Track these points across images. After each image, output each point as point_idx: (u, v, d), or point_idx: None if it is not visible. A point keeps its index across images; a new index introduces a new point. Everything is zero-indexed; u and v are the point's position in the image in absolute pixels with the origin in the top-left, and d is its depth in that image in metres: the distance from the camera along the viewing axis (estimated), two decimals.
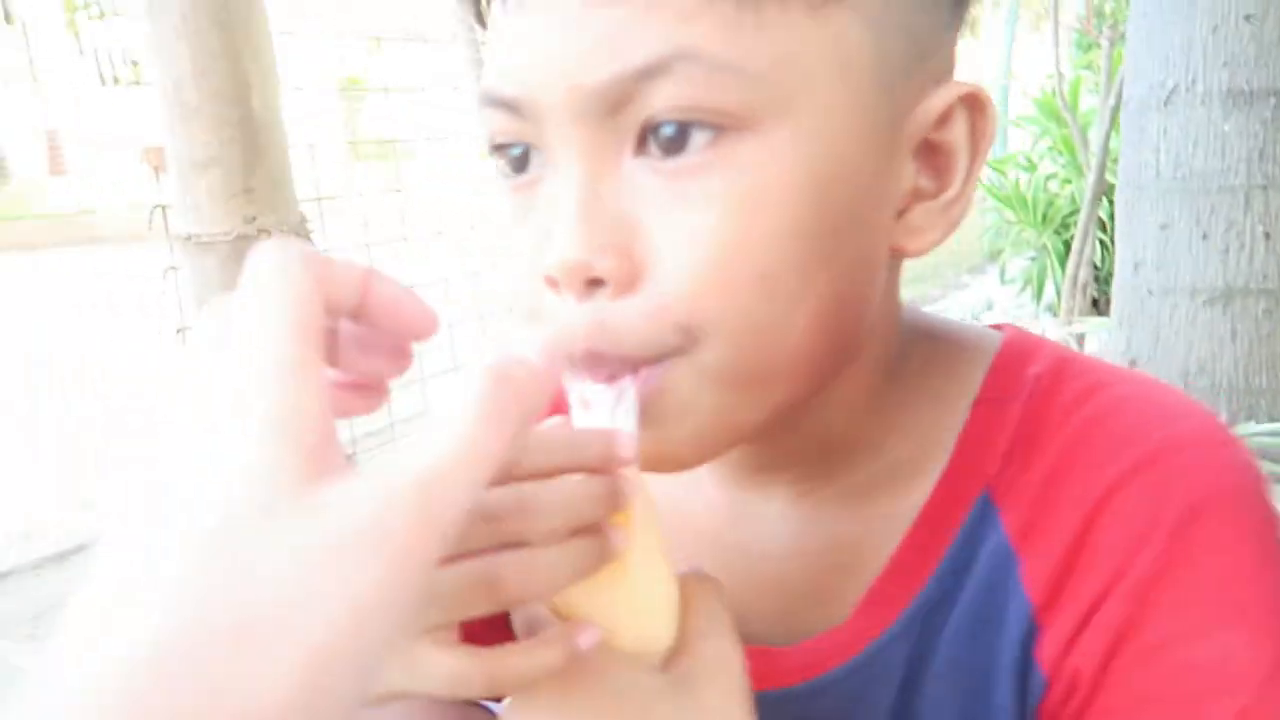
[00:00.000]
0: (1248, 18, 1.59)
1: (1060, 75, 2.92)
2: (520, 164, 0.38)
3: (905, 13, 0.37)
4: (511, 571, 0.31)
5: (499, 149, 0.38)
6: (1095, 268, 2.84)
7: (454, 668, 0.33)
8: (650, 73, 0.33)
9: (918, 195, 0.38)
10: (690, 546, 0.47)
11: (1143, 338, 1.75)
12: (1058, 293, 3.04)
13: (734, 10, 0.33)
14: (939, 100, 0.37)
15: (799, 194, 0.35)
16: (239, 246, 1.32)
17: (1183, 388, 1.68)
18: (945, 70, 0.39)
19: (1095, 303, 2.81)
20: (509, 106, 0.36)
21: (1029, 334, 0.46)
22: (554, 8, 0.35)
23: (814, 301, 0.36)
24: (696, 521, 0.48)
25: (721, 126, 0.34)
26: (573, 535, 0.32)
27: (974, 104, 0.38)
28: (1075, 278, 2.49)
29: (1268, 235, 1.63)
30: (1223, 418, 1.63)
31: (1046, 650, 0.39)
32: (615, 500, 0.33)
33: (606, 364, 0.35)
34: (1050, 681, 0.39)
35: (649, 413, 0.36)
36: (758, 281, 0.34)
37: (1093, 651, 0.38)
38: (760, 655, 0.43)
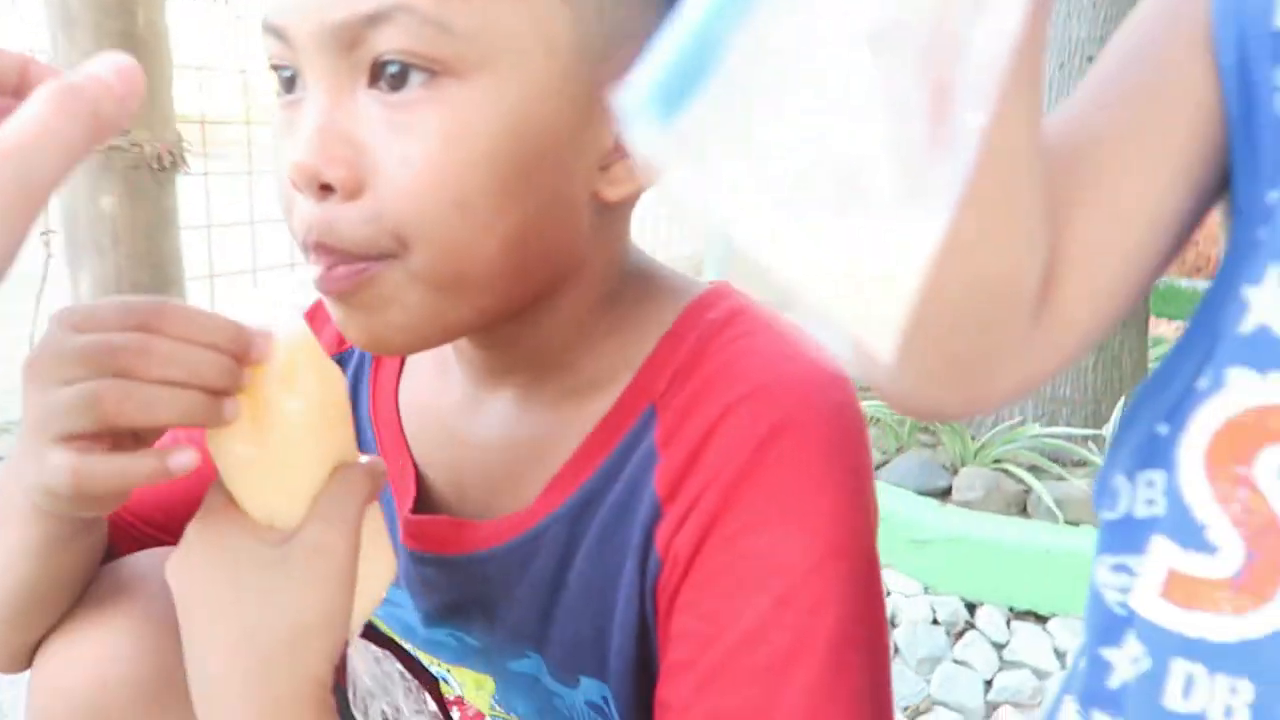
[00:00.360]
0: None
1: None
2: (290, 85, 0.45)
3: (605, 3, 0.44)
4: (110, 394, 0.39)
5: (275, 69, 0.46)
6: None
7: (59, 464, 0.40)
8: (375, 19, 0.40)
9: (619, 152, 0.46)
10: (435, 437, 0.57)
11: None
12: None
13: None
14: (616, 61, 0.45)
15: (494, 135, 0.42)
16: (110, 156, 1.36)
17: None
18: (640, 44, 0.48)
19: None
20: (276, 33, 0.44)
21: (733, 291, 0.54)
22: None
23: (507, 227, 0.44)
24: (444, 415, 0.57)
25: (434, 71, 0.41)
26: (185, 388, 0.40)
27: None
28: None
29: None
30: (1029, 415, 1.78)
31: (662, 535, 0.48)
32: (232, 379, 0.41)
33: (332, 255, 0.43)
34: (663, 562, 0.48)
35: (364, 301, 0.44)
36: (455, 203, 0.42)
37: (690, 538, 0.47)
38: (458, 526, 0.55)
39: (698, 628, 0.46)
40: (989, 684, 1.35)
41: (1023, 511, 1.56)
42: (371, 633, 0.67)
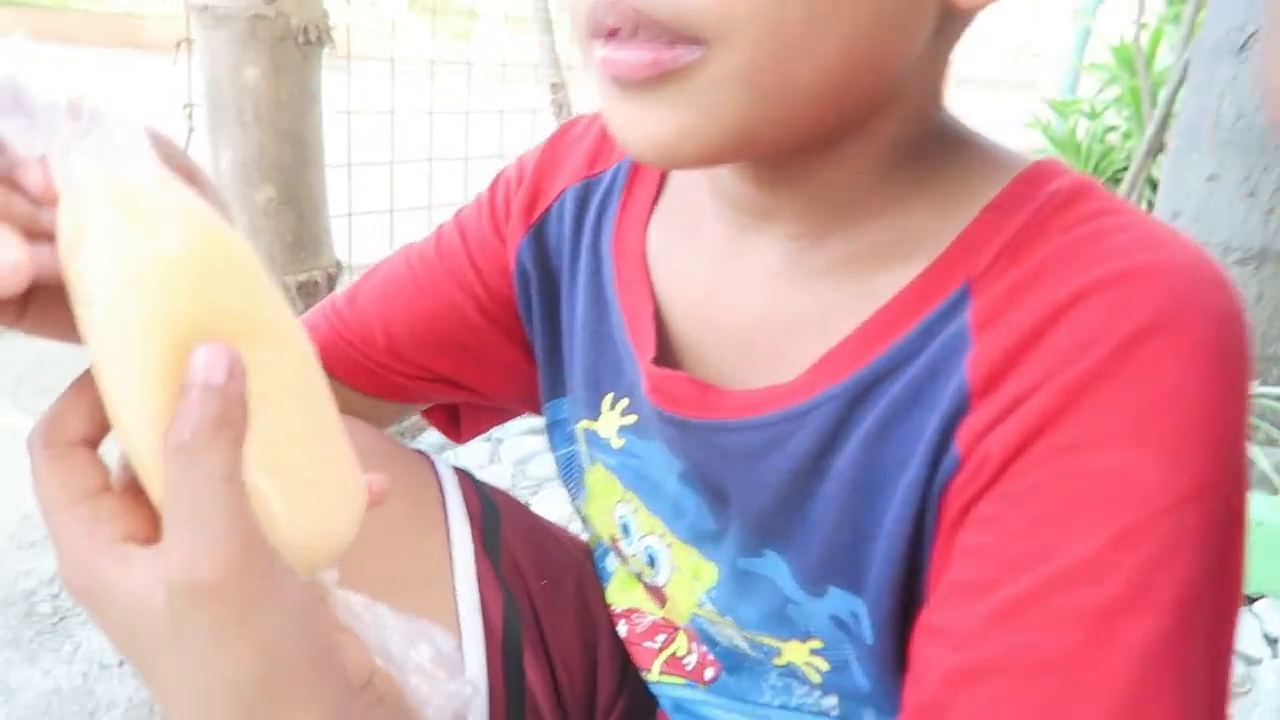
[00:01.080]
0: None
1: (1142, 25, 2.77)
2: None
3: None
4: None
5: None
6: None
7: None
8: None
9: None
10: (684, 284, 0.50)
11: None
12: None
13: None
14: None
15: None
16: (255, 25, 1.28)
17: None
18: None
19: None
20: None
21: (1066, 165, 0.44)
22: None
23: (847, 26, 0.35)
24: (698, 261, 0.49)
25: None
26: None
27: None
28: None
29: None
30: None
31: (967, 431, 0.39)
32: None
33: (634, 31, 0.35)
34: (963, 460, 0.39)
35: (663, 97, 0.36)
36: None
37: (1007, 440, 0.37)
38: (703, 390, 0.47)
39: (1004, 546, 0.36)
40: None
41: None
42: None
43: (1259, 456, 1.35)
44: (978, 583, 0.36)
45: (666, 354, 0.50)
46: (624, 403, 0.53)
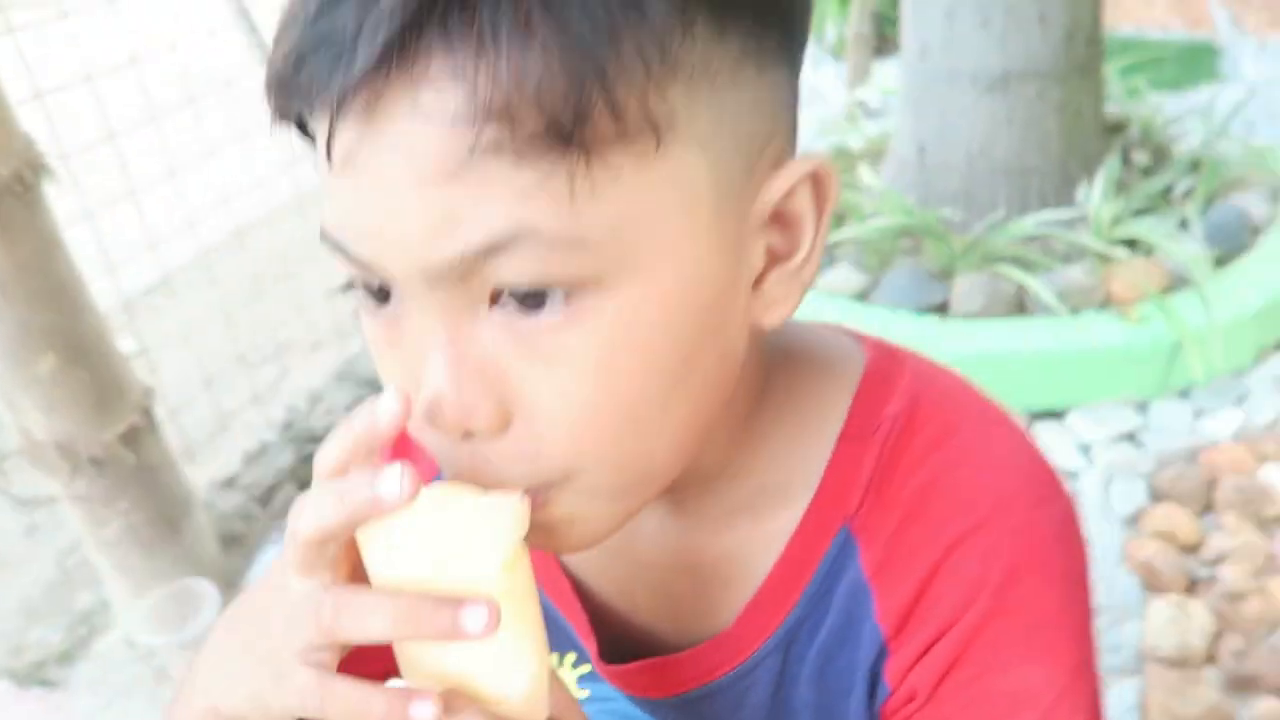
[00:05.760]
0: None
1: None
2: (382, 295, 0.37)
3: (736, 121, 0.36)
4: (327, 605, 0.36)
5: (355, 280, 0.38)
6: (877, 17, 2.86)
7: (305, 683, 0.37)
8: (493, 250, 0.33)
9: (772, 260, 0.39)
10: (598, 562, 0.52)
11: (929, 124, 1.81)
12: (839, 36, 3.04)
13: (567, 185, 0.32)
14: (782, 182, 0.38)
15: (653, 337, 0.36)
16: None
17: (966, 170, 1.78)
18: (786, 148, 0.39)
19: (878, 49, 2.84)
20: (360, 265, 0.36)
21: (885, 355, 0.49)
22: (385, 184, 0.33)
23: (679, 415, 0.39)
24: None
25: (573, 286, 0.34)
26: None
27: (816, 178, 0.38)
28: (860, 33, 2.49)
29: (1042, 18, 1.67)
30: (1001, 199, 1.74)
31: (891, 669, 0.47)
32: None
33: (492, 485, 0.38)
34: (893, 690, 0.47)
35: (541, 526, 0.38)
36: (624, 422, 0.37)
37: (927, 676, 0.46)
38: (660, 665, 0.51)
39: None
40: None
41: (1021, 309, 1.56)
42: None
43: (1040, 286, 1.53)
44: None
45: (605, 627, 0.53)
46: (584, 667, 0.58)
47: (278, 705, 0.39)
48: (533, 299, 0.34)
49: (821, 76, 3.18)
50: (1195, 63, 2.79)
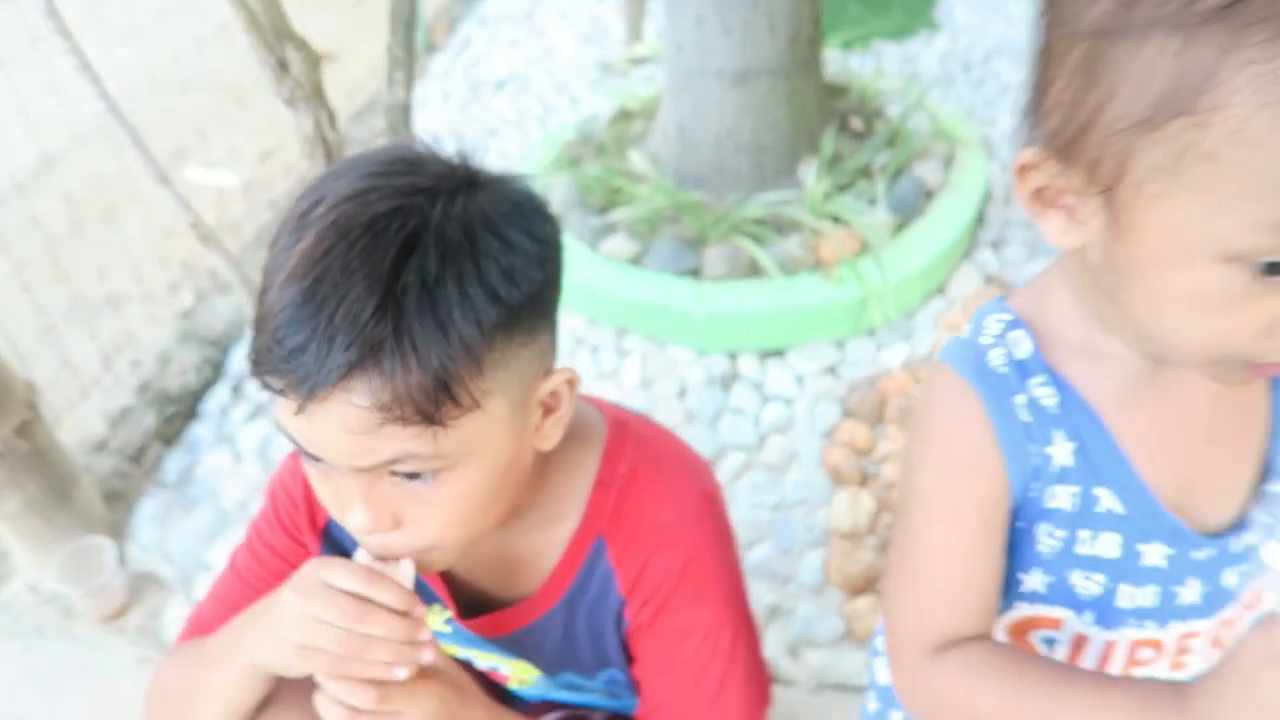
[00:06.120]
0: None
1: None
2: (318, 460, 0.71)
3: (523, 372, 0.73)
4: (325, 659, 0.71)
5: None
6: None
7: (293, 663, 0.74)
8: (390, 463, 0.68)
9: (545, 414, 0.78)
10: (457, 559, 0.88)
11: (686, 109, 2.18)
12: None
13: (432, 434, 0.66)
14: (549, 386, 0.76)
15: (482, 488, 0.72)
16: None
17: (716, 148, 2.18)
18: (551, 364, 0.77)
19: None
20: (309, 455, 0.71)
21: (618, 426, 0.89)
22: (329, 433, 0.66)
23: (497, 511, 0.76)
24: None
25: (435, 471, 0.70)
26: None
27: (569, 381, 0.78)
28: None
29: (771, 28, 2.05)
30: (744, 176, 2.16)
31: (628, 615, 0.88)
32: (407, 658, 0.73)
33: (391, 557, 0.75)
34: (630, 624, 0.88)
35: (421, 566, 0.76)
36: (464, 526, 0.73)
37: (646, 617, 0.86)
38: (493, 618, 0.92)
39: (656, 656, 0.89)
40: (758, 420, 1.90)
41: (755, 273, 2.01)
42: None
43: (765, 256, 1.98)
44: (651, 669, 0.90)
45: (461, 594, 0.92)
46: (447, 613, 0.97)
47: (283, 667, 0.75)
48: (413, 475, 0.69)
49: (605, 8, 3.43)
50: (916, 8, 3.22)
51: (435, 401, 0.66)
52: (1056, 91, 0.57)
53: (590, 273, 2.04)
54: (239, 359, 2.14)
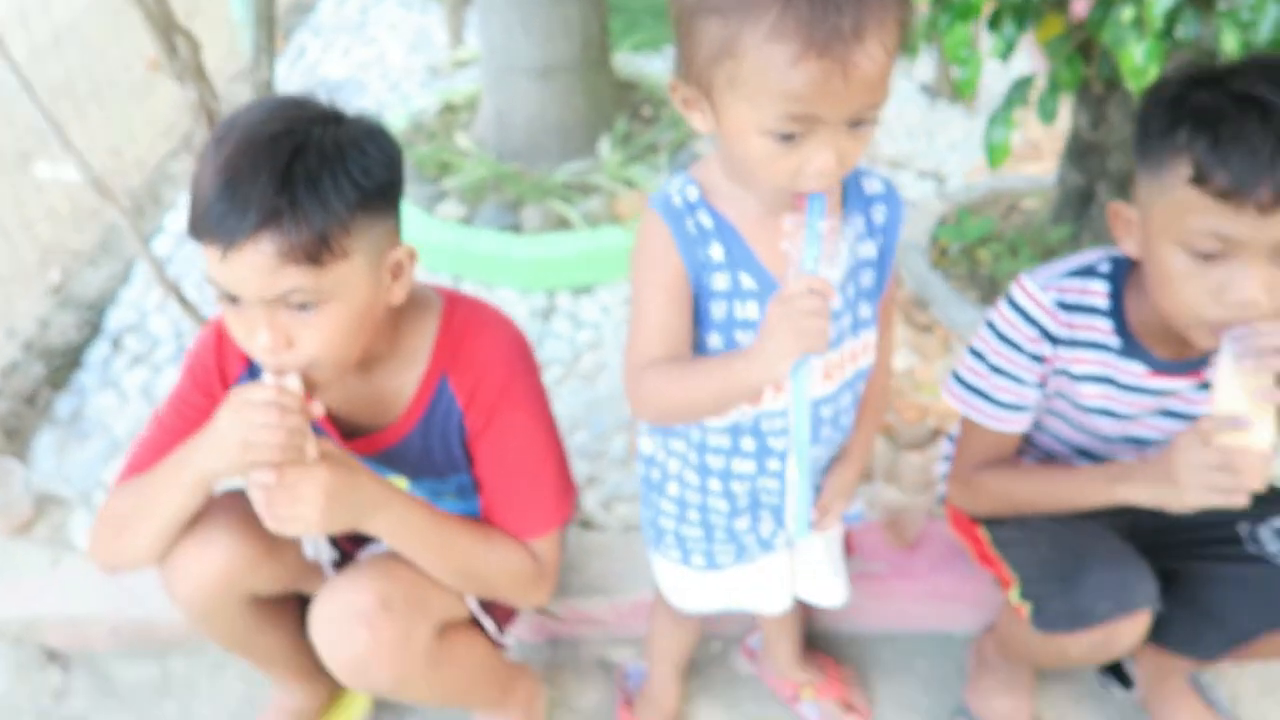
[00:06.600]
0: None
1: None
2: (235, 300, 1.08)
3: (378, 238, 1.12)
4: (251, 453, 1.08)
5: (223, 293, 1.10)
6: None
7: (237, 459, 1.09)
8: (289, 293, 1.02)
9: (394, 276, 1.17)
10: (330, 394, 1.27)
11: (503, 97, 2.63)
12: None
13: (315, 273, 1.02)
14: (396, 256, 1.15)
15: (349, 318, 1.07)
16: None
17: (528, 130, 2.63)
18: (398, 238, 1.17)
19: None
20: (229, 294, 1.07)
21: (450, 298, 1.30)
22: (244, 272, 1.02)
23: (360, 342, 1.12)
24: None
25: (319, 301, 1.07)
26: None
27: (410, 253, 1.18)
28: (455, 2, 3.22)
29: (566, 33, 2.53)
30: (553, 151, 2.62)
31: (467, 426, 1.29)
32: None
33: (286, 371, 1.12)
34: (469, 432, 1.29)
35: (306, 383, 1.12)
36: (337, 348, 1.08)
37: (479, 424, 1.27)
38: (367, 440, 1.33)
39: (489, 453, 1.31)
40: (574, 341, 2.36)
41: (565, 226, 2.47)
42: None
43: (573, 212, 2.44)
44: (483, 475, 1.32)
45: (338, 422, 1.30)
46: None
47: (227, 466, 1.08)
48: (302, 306, 1.03)
49: (429, 19, 3.83)
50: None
51: (317, 249, 1.03)
52: (681, 44, 1.04)
53: (428, 232, 2.44)
54: (115, 318, 2.42)
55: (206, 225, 1.01)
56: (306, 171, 1.01)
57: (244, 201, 0.99)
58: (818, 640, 1.79)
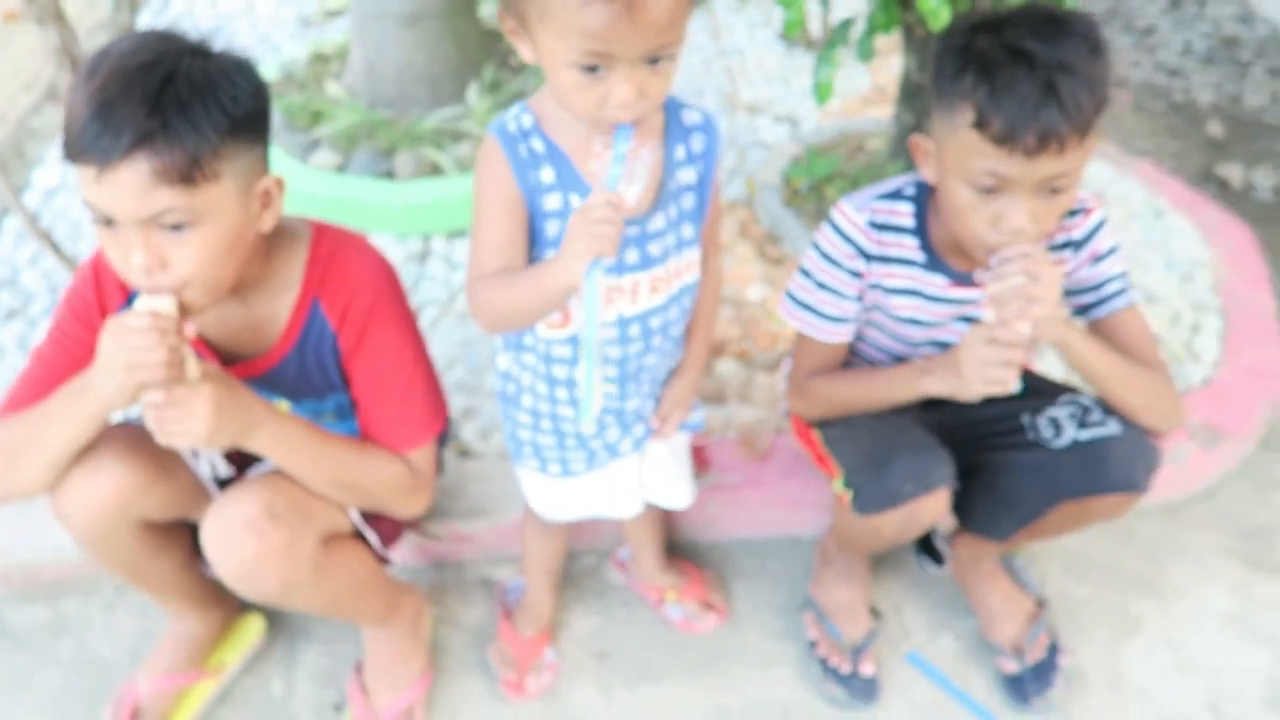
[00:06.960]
0: None
1: None
2: (111, 223, 1.15)
3: (248, 166, 1.20)
4: (138, 376, 1.14)
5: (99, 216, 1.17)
6: None
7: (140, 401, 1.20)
8: (162, 213, 1.09)
9: (263, 206, 1.26)
10: (207, 322, 1.36)
11: (372, 46, 2.66)
12: None
13: (188, 192, 1.09)
14: (264, 184, 1.23)
15: (219, 242, 1.14)
16: None
17: (398, 78, 2.67)
18: (265, 167, 1.25)
19: None
20: (104, 217, 1.14)
21: (319, 227, 1.39)
22: (120, 193, 1.09)
23: (232, 265, 1.21)
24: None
25: (191, 222, 1.15)
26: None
27: (278, 182, 1.27)
28: None
29: None
30: (423, 99, 2.68)
31: (340, 345, 1.38)
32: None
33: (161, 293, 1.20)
34: (342, 352, 1.39)
35: (182, 306, 1.20)
36: (208, 269, 1.14)
37: (353, 341, 1.36)
38: (246, 365, 1.42)
39: (362, 372, 1.42)
40: (448, 283, 2.45)
41: (437, 172, 2.54)
42: None
43: (444, 158, 2.51)
44: (358, 393, 1.43)
45: (217, 349, 1.39)
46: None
47: (117, 390, 1.16)
48: (175, 227, 1.10)
49: None
50: None
51: (189, 170, 1.11)
52: None
53: (302, 181, 2.48)
54: None
55: (81, 146, 1.06)
56: (177, 97, 1.07)
57: (118, 123, 1.05)
58: (681, 549, 1.96)
